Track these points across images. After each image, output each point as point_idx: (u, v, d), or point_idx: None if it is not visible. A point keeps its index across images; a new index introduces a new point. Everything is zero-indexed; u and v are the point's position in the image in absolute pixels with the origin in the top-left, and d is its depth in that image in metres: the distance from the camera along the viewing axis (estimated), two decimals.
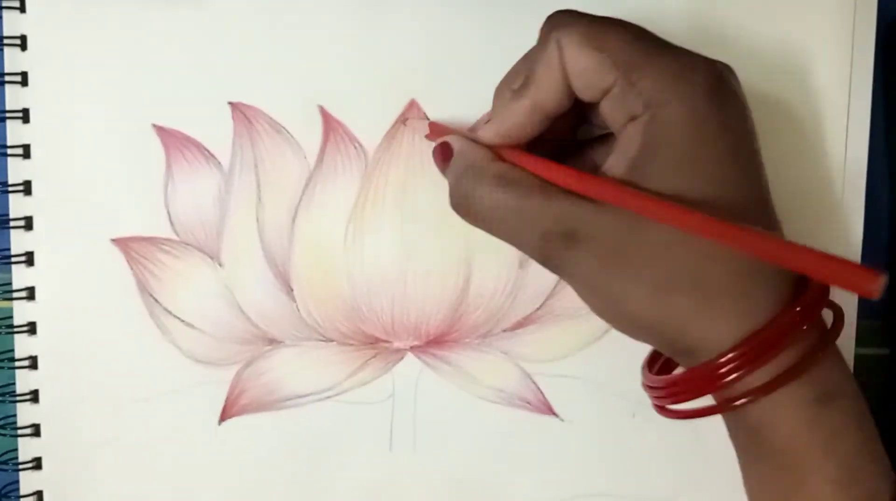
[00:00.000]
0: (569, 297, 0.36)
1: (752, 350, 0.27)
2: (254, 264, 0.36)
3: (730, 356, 0.27)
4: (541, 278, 0.36)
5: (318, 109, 0.35)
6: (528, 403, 0.37)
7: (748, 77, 0.29)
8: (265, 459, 0.37)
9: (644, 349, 0.36)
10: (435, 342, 0.37)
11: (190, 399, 0.36)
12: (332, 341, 0.36)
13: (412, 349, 0.37)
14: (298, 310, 0.36)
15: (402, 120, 0.35)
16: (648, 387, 0.31)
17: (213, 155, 0.35)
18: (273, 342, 0.36)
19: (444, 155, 0.31)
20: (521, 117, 0.29)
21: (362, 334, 0.36)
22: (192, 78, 0.35)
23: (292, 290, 0.36)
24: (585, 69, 0.28)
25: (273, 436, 0.37)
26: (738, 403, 0.27)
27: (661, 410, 0.30)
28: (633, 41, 0.27)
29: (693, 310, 0.27)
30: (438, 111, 0.35)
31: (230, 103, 0.35)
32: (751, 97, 0.35)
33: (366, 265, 0.36)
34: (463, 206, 0.30)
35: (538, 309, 0.37)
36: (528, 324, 0.37)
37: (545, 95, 0.29)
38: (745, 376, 0.27)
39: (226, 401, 0.36)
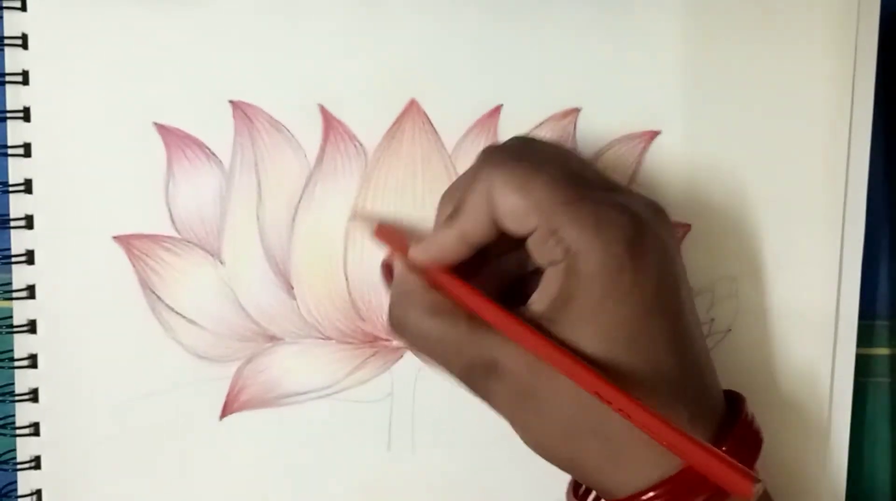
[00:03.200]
0: None
1: (668, 493, 0.27)
2: (254, 262, 0.36)
3: (647, 497, 0.27)
4: None
5: (318, 109, 0.35)
6: None
7: (748, 77, 0.29)
8: (265, 455, 0.37)
9: None
10: None
11: (191, 396, 0.36)
12: (331, 339, 0.36)
13: None
14: (298, 308, 0.36)
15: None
16: None
17: (213, 154, 0.35)
18: (273, 339, 0.36)
19: (387, 273, 0.33)
20: (449, 245, 0.30)
21: (361, 332, 0.36)
22: (192, 77, 0.35)
23: (292, 288, 0.36)
24: (510, 210, 0.28)
25: (273, 433, 0.37)
26: None
27: None
28: (556, 189, 0.28)
29: (602, 457, 0.28)
30: (438, 111, 0.35)
31: (231, 102, 0.35)
32: (751, 97, 0.36)
33: (366, 264, 0.36)
34: (397, 329, 0.31)
35: None
36: None
37: (471, 227, 0.29)
38: None
39: (227, 397, 0.36)
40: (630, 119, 0.36)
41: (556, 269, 0.28)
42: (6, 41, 0.35)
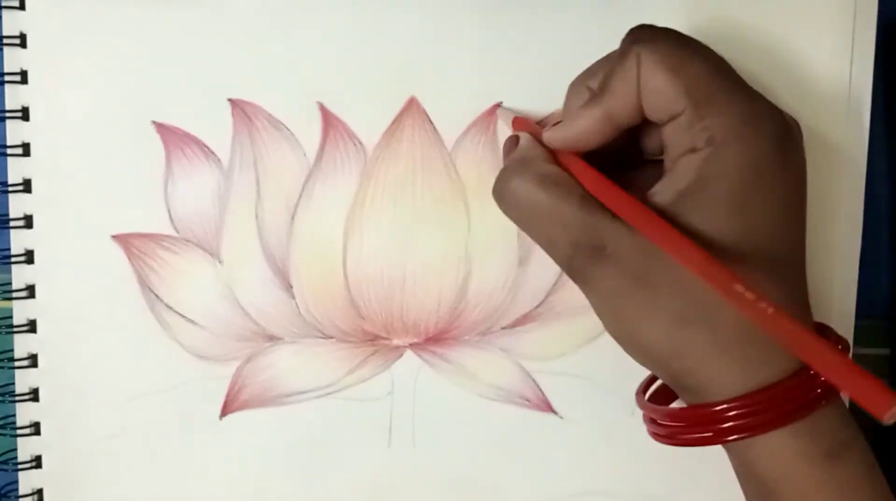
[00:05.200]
0: (568, 295, 0.36)
1: (759, 404, 0.26)
2: (253, 261, 0.36)
3: (735, 404, 0.26)
4: (540, 275, 0.36)
5: (317, 107, 0.35)
6: (528, 400, 0.37)
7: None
8: (265, 455, 0.37)
9: None
10: (434, 340, 0.37)
11: (191, 395, 0.36)
12: (331, 338, 0.36)
13: (411, 346, 0.37)
14: (297, 307, 0.36)
15: (494, 108, 0.35)
16: (646, 417, 0.30)
17: (212, 152, 0.35)
18: (272, 338, 0.36)
19: (510, 148, 0.31)
20: (592, 126, 0.29)
21: (361, 331, 0.36)
22: (191, 75, 0.35)
23: (291, 287, 0.36)
24: (658, 90, 0.27)
25: (273, 432, 0.37)
26: (729, 438, 0.27)
27: (655, 435, 0.30)
28: (710, 74, 0.27)
29: (705, 350, 0.27)
30: (438, 109, 0.35)
31: (230, 100, 0.35)
32: None
33: (365, 263, 0.36)
34: (499, 192, 0.30)
35: (538, 307, 0.37)
36: (527, 322, 0.37)
37: (618, 106, 0.28)
38: (746, 429, 0.26)
39: (227, 396, 0.36)
40: None
41: (694, 157, 0.27)
42: (5, 40, 0.34)
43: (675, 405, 0.30)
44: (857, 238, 0.36)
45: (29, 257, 0.35)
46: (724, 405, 0.26)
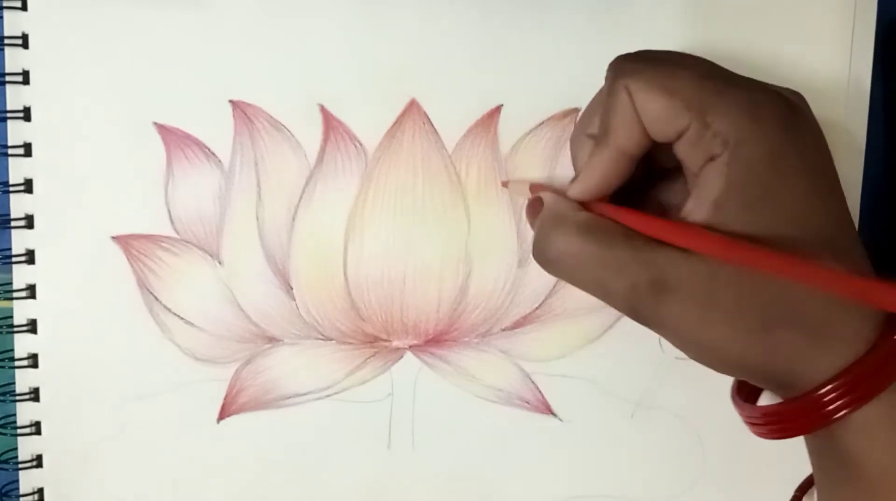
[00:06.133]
0: (568, 296, 0.36)
1: (855, 380, 0.26)
2: (253, 263, 0.36)
3: (832, 386, 0.26)
4: (540, 277, 0.36)
5: (318, 108, 0.35)
6: (527, 402, 0.37)
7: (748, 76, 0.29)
8: (264, 457, 0.37)
9: (647, 348, 0.36)
10: (434, 341, 0.37)
11: (189, 397, 0.36)
12: (331, 339, 0.36)
13: (411, 347, 0.37)
14: (298, 309, 0.36)
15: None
16: (748, 421, 0.30)
17: (213, 153, 0.35)
18: (272, 340, 0.36)
19: (535, 209, 0.31)
20: (608, 168, 0.29)
21: (361, 332, 0.36)
22: (192, 76, 0.35)
23: (292, 288, 0.36)
24: (658, 115, 0.27)
25: (272, 434, 0.37)
26: (837, 416, 0.27)
27: (761, 433, 0.29)
28: (701, 80, 0.27)
29: (797, 345, 0.27)
30: (439, 111, 0.35)
31: (231, 102, 0.35)
32: None
33: (365, 264, 0.36)
34: (542, 252, 0.29)
35: (537, 308, 0.37)
36: (527, 323, 0.37)
37: (625, 141, 0.28)
38: (850, 404, 0.26)
39: (225, 399, 0.36)
40: None
41: (716, 164, 0.27)
42: (6, 41, 0.35)
43: (764, 400, 0.30)
44: None
45: (30, 257, 0.35)
46: (828, 387, 0.26)
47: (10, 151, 0.35)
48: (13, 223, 0.35)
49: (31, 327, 0.36)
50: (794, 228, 0.27)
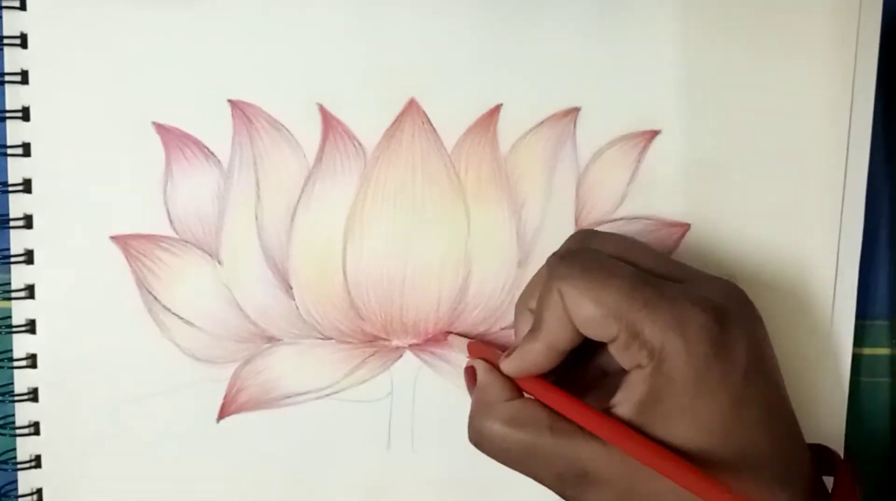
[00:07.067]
0: None
1: None
2: (253, 262, 0.36)
3: None
4: None
5: (317, 108, 0.35)
6: None
7: (748, 77, 0.29)
8: (263, 457, 0.37)
9: None
10: (434, 341, 0.37)
11: (188, 397, 0.36)
12: (330, 339, 0.36)
13: (411, 347, 0.37)
14: (297, 308, 0.36)
15: (445, 334, 0.36)
16: None
17: (212, 153, 0.35)
18: (272, 340, 0.36)
19: (470, 376, 0.32)
20: (538, 356, 0.30)
21: (361, 332, 0.36)
22: (191, 76, 0.35)
23: (291, 288, 0.36)
24: (588, 321, 0.28)
25: (271, 434, 0.37)
26: None
27: None
28: (629, 293, 0.28)
29: None
30: (438, 110, 0.35)
31: (230, 101, 0.35)
32: (751, 97, 0.35)
33: (365, 264, 0.36)
34: (475, 441, 0.31)
35: None
36: None
37: (556, 338, 0.29)
38: None
39: (224, 399, 0.36)
40: (630, 119, 0.36)
41: (641, 372, 0.28)
42: (5, 41, 0.35)
43: None
44: (857, 238, 0.36)
45: (29, 257, 0.35)
46: None
47: (9, 151, 0.35)
48: (12, 223, 0.35)
49: (30, 327, 0.36)
50: (712, 440, 0.27)
